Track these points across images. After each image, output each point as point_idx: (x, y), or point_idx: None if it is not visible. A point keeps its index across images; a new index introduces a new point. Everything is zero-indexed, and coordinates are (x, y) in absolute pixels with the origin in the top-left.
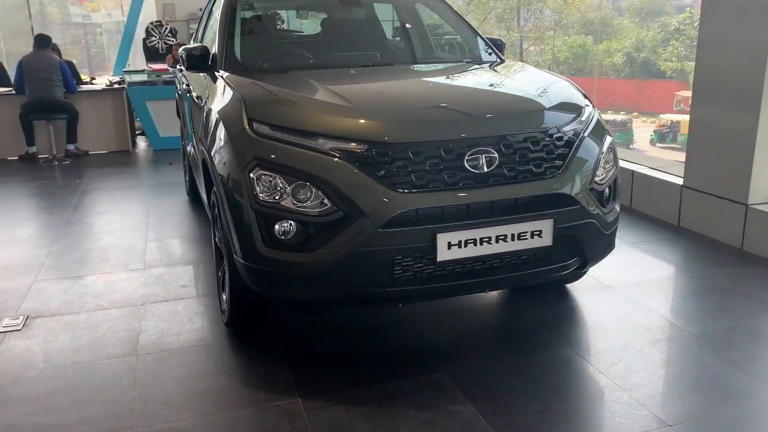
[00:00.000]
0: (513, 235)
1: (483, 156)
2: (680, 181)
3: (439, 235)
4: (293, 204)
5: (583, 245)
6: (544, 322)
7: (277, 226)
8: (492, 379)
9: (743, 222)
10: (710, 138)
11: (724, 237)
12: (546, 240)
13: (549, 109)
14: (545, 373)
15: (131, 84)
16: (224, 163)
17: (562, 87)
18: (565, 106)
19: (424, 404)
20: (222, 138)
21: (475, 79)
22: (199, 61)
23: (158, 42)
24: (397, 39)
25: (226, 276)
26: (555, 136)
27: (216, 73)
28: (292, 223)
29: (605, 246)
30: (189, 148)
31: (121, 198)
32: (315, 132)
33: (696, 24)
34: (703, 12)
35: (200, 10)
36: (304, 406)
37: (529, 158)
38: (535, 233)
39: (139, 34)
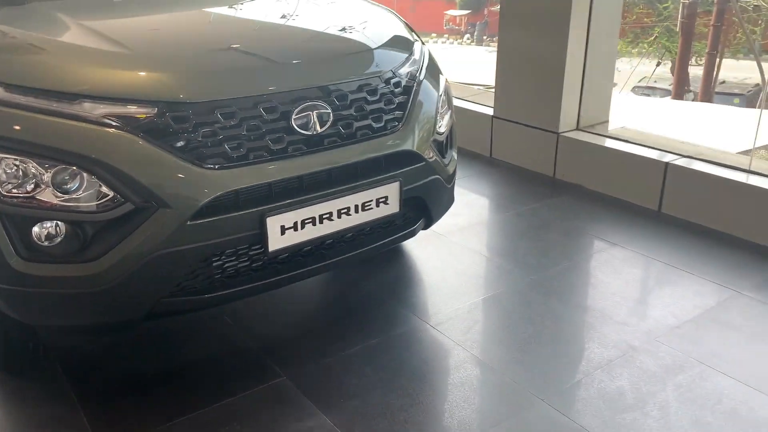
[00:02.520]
0: (357, 207)
1: (314, 112)
2: (491, 112)
3: (269, 220)
4: (56, 197)
5: (429, 205)
6: (385, 288)
7: (36, 230)
8: (342, 375)
9: (555, 150)
10: (518, 67)
11: (537, 166)
12: (393, 206)
13: (380, 47)
14: (398, 355)
15: None
16: None
17: (386, 18)
18: (395, 43)
19: (271, 424)
20: None
21: (283, 9)
22: None
23: None
24: None
25: None
26: (392, 81)
27: None
28: (59, 224)
29: (448, 201)
30: None
31: None
32: (79, 93)
33: None
34: None
35: None
36: None
37: (367, 111)
38: (381, 200)
39: None
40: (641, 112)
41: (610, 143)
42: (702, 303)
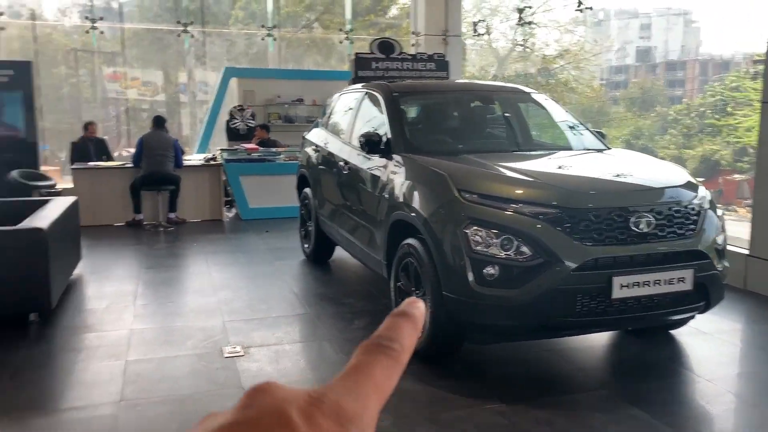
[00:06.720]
0: (665, 280)
1: (644, 219)
2: (746, 252)
3: (614, 278)
4: (500, 252)
5: (710, 292)
6: (670, 357)
7: (486, 269)
8: (648, 392)
9: None
10: None
11: None
12: (687, 285)
13: (681, 186)
14: (689, 392)
15: (229, 161)
16: (441, 223)
17: (679, 169)
18: (688, 186)
19: (605, 410)
20: (435, 205)
21: (613, 160)
22: (377, 145)
23: (240, 123)
24: (517, 128)
25: (426, 312)
26: (689, 207)
27: (395, 155)
28: (498, 266)
29: (721, 294)
30: (325, 217)
31: (256, 261)
32: (516, 199)
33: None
34: (763, 114)
35: (278, 96)
36: (509, 408)
37: (674, 222)
38: (680, 279)
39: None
40: None
41: None
42: None
